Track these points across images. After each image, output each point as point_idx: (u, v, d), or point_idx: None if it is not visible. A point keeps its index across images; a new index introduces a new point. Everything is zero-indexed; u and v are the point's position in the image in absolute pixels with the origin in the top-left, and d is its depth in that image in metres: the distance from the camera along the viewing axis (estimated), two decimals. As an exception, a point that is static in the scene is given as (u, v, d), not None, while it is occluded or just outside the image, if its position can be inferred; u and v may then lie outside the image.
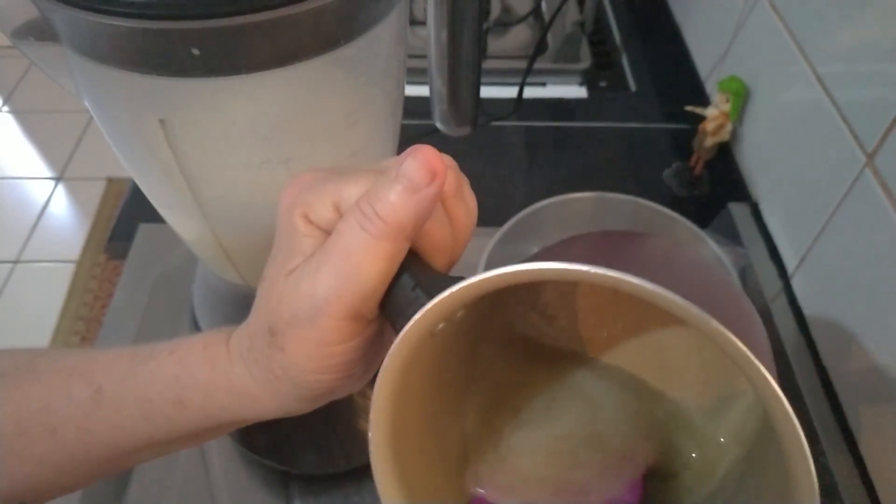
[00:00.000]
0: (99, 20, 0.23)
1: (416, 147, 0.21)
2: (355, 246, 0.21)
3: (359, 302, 0.21)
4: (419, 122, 0.52)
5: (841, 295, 0.50)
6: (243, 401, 0.24)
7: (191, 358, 0.25)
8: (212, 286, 0.41)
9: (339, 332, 0.22)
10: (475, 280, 0.20)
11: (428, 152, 0.21)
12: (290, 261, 0.22)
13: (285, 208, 0.23)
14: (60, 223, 1.74)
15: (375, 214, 0.20)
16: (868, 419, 0.47)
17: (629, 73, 0.84)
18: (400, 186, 0.20)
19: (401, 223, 0.20)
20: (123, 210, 0.66)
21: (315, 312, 0.21)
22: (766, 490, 0.22)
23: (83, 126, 1.94)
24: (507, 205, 0.64)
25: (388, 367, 0.21)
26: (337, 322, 0.21)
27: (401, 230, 0.21)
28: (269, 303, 0.23)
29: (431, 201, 0.21)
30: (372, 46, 0.28)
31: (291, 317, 0.22)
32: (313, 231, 0.22)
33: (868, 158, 0.47)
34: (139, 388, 0.25)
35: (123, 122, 0.29)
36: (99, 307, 1.54)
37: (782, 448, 0.20)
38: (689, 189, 0.69)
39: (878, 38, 0.47)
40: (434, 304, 0.20)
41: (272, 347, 0.23)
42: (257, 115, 0.27)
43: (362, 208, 0.21)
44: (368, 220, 0.21)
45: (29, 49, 0.26)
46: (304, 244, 0.22)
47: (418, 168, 0.20)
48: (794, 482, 0.19)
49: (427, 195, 0.21)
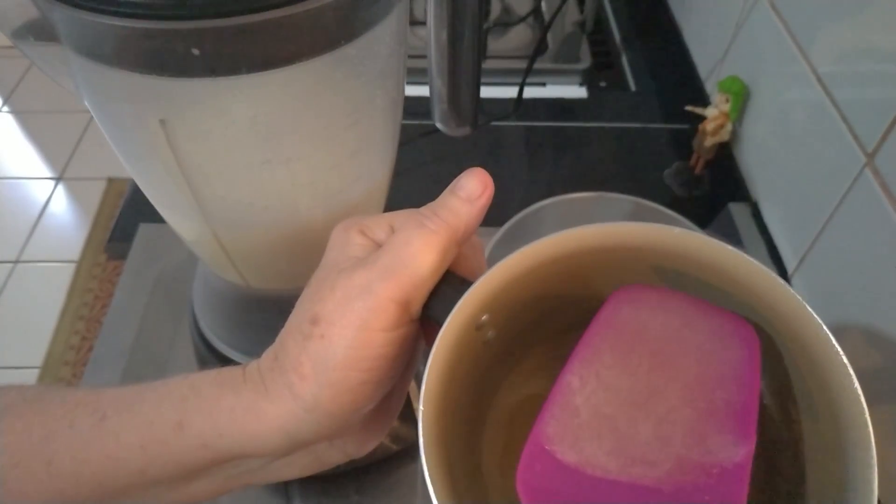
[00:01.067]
0: (99, 20, 0.23)
1: (471, 168, 0.25)
2: (415, 237, 0.23)
3: (411, 287, 0.23)
4: (419, 122, 0.52)
5: (841, 295, 0.51)
6: (246, 420, 0.23)
7: (203, 380, 0.24)
8: (212, 286, 0.41)
9: (387, 315, 0.22)
10: (512, 257, 0.22)
11: (480, 171, 0.25)
12: (342, 261, 0.24)
13: (340, 228, 0.25)
14: (61, 223, 1.74)
15: (435, 214, 0.23)
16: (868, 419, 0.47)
17: (629, 73, 0.84)
18: (458, 195, 0.24)
19: (457, 224, 0.23)
20: (123, 210, 0.66)
21: (369, 293, 0.22)
22: None
23: (83, 126, 1.94)
24: (507, 205, 0.64)
25: (437, 350, 0.21)
26: (389, 303, 0.22)
27: (455, 230, 0.23)
28: (318, 293, 0.23)
29: (482, 209, 0.24)
30: (372, 46, 0.28)
31: (342, 300, 0.23)
32: (367, 241, 0.24)
33: (868, 158, 0.47)
34: (143, 412, 0.24)
35: (124, 122, 0.29)
36: (99, 307, 1.53)
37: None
38: (689, 189, 0.69)
39: (878, 38, 0.47)
40: (477, 287, 0.22)
41: (309, 339, 0.23)
42: (258, 115, 0.27)
43: (423, 212, 0.24)
44: (428, 218, 0.23)
45: (29, 49, 0.26)
46: (356, 251, 0.24)
47: (474, 181, 0.24)
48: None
49: (480, 203, 0.24)
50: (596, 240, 0.23)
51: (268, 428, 0.23)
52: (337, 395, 0.23)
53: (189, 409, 0.24)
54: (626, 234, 0.23)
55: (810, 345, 0.21)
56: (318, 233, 0.35)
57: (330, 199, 0.33)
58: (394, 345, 0.23)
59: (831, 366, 0.21)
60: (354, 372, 0.22)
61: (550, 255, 0.23)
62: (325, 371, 0.22)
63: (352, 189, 0.34)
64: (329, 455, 0.26)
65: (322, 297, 0.23)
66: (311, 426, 0.23)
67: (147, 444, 0.24)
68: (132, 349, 0.55)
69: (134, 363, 0.55)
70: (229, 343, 0.40)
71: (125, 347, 0.55)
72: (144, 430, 0.24)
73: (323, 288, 0.23)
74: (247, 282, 0.37)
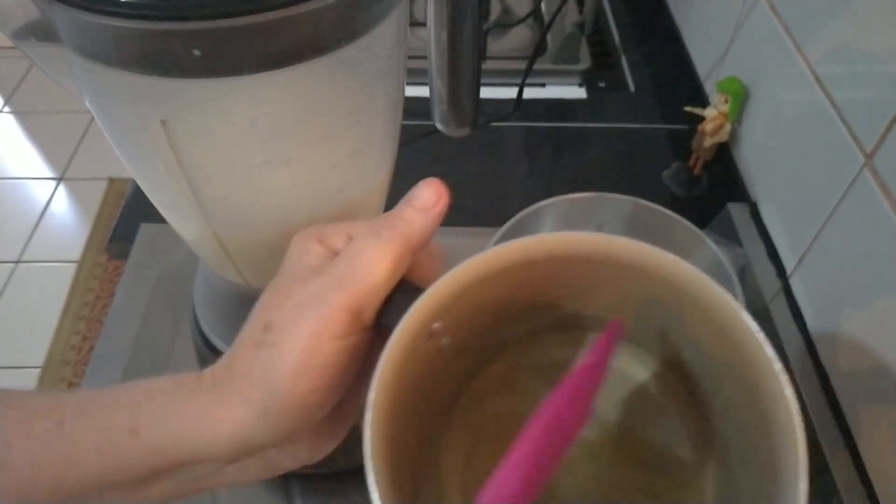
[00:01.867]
0: (100, 21, 0.23)
1: (426, 179, 0.25)
2: (368, 247, 0.23)
3: (363, 296, 0.23)
4: (419, 123, 0.52)
5: (840, 295, 0.51)
6: (198, 426, 0.23)
7: (158, 386, 0.25)
8: (213, 286, 0.41)
9: (338, 324, 0.23)
10: (461, 267, 0.22)
11: (435, 182, 0.25)
12: (298, 271, 0.24)
13: (298, 237, 0.25)
14: (62, 223, 1.74)
15: (390, 224, 0.24)
16: (867, 419, 0.47)
17: (628, 73, 0.84)
18: (413, 205, 0.25)
19: (411, 233, 0.24)
20: (124, 210, 0.66)
21: (321, 301, 0.23)
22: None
23: (84, 126, 1.94)
24: (506, 205, 0.64)
25: (387, 358, 0.22)
26: (340, 311, 0.23)
27: (409, 239, 0.24)
28: (272, 301, 0.24)
29: (436, 218, 0.25)
30: (372, 47, 0.29)
31: (294, 308, 0.23)
32: (324, 250, 0.25)
33: (867, 159, 0.47)
34: (99, 417, 0.24)
35: (125, 122, 0.29)
36: (100, 307, 1.54)
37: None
38: (688, 189, 0.69)
39: (877, 39, 0.47)
40: (428, 295, 0.22)
41: (261, 346, 0.23)
42: (258, 116, 0.27)
43: (379, 221, 0.24)
44: (384, 228, 0.24)
45: (30, 50, 0.26)
46: (313, 259, 0.24)
47: (429, 191, 0.25)
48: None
49: (434, 213, 0.25)
50: (542, 250, 0.23)
51: (219, 434, 0.23)
52: (287, 402, 0.23)
53: (143, 415, 0.24)
54: (574, 243, 0.23)
55: (737, 337, 0.22)
56: (319, 232, 0.35)
57: (330, 199, 0.33)
58: (345, 353, 0.23)
59: (763, 368, 0.21)
60: (304, 380, 0.23)
61: (502, 265, 0.23)
62: (274, 378, 0.23)
63: (352, 189, 0.34)
64: (281, 461, 0.27)
65: (276, 304, 0.24)
66: (262, 433, 0.23)
67: (103, 449, 0.24)
68: (133, 349, 0.55)
69: (135, 363, 0.55)
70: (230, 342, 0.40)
71: (126, 347, 0.56)
72: (100, 435, 0.24)
73: (277, 296, 0.24)
74: (247, 281, 0.37)
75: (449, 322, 0.24)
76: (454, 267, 0.23)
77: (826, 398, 0.50)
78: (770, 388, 0.20)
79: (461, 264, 0.23)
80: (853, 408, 0.48)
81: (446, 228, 0.75)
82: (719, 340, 0.22)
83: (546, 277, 0.25)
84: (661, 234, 0.56)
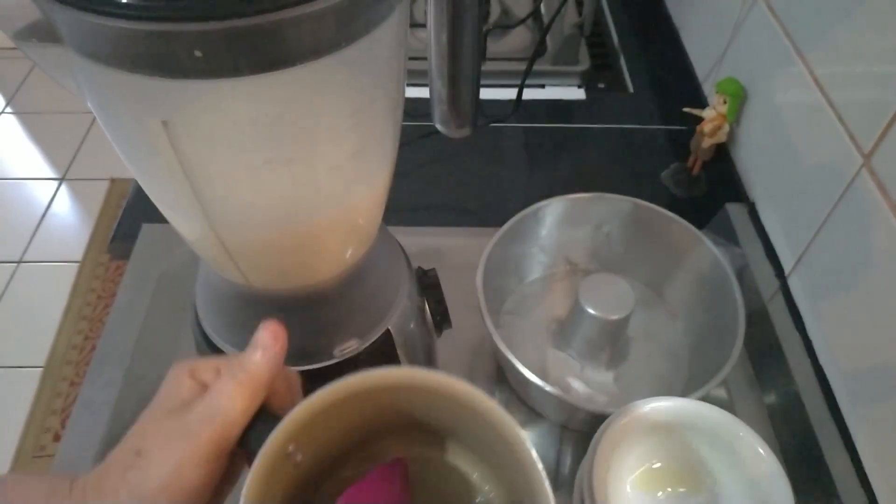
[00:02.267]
0: (101, 22, 0.23)
1: (264, 322, 0.30)
2: (226, 387, 0.28)
3: (225, 429, 0.28)
4: (419, 124, 0.52)
5: (837, 294, 0.51)
6: None
7: (34, 486, 0.28)
8: (214, 286, 0.41)
9: (203, 453, 0.27)
10: (309, 400, 0.29)
11: (273, 324, 0.30)
12: (171, 403, 0.29)
13: (174, 370, 0.30)
14: (64, 223, 1.74)
15: (241, 368, 0.29)
16: (865, 418, 0.47)
17: (627, 74, 0.84)
18: (256, 348, 0.29)
19: (259, 373, 0.29)
20: (126, 210, 0.67)
21: (187, 434, 0.27)
22: None
23: (86, 127, 1.94)
24: (506, 205, 0.65)
25: (252, 477, 0.27)
26: (205, 443, 0.27)
27: (259, 378, 0.29)
28: (144, 430, 0.28)
29: (277, 356, 0.29)
30: (373, 48, 0.29)
31: (165, 437, 0.27)
32: (194, 385, 0.29)
33: (865, 159, 0.47)
34: None
35: (126, 123, 0.29)
36: (102, 307, 1.54)
37: None
38: (686, 190, 0.69)
39: (875, 40, 0.48)
40: (283, 424, 0.28)
41: (131, 469, 0.27)
42: (259, 117, 0.27)
43: (232, 365, 0.29)
44: (238, 369, 0.29)
45: (32, 51, 0.27)
46: (185, 393, 0.29)
47: (266, 334, 0.30)
48: None
49: (274, 352, 0.29)
50: (362, 384, 0.30)
51: None
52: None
53: None
54: (395, 377, 0.31)
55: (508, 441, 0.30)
56: (319, 233, 0.35)
57: (331, 199, 0.33)
58: (207, 476, 0.27)
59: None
60: (168, 499, 0.26)
61: (344, 394, 0.30)
62: (140, 496, 0.26)
63: (352, 189, 0.34)
64: None
65: (149, 433, 0.28)
66: None
67: None
68: (135, 348, 0.56)
69: (136, 362, 0.55)
70: (231, 342, 0.41)
71: (128, 347, 0.56)
72: None
73: (149, 426, 0.28)
74: (248, 281, 0.37)
75: (302, 442, 0.29)
76: (306, 398, 0.29)
77: (824, 397, 0.51)
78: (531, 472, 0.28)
79: (311, 396, 0.29)
80: (851, 407, 0.49)
81: (447, 228, 0.76)
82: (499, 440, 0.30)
83: (382, 399, 0.32)
84: (659, 235, 0.56)
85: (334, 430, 0.32)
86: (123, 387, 0.53)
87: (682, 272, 0.57)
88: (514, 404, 0.54)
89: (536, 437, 0.53)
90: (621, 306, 0.50)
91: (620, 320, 0.50)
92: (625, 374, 0.54)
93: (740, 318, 0.49)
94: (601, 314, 0.50)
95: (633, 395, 0.44)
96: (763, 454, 0.40)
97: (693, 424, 0.42)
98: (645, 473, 0.43)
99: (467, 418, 0.31)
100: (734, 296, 0.50)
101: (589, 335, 0.52)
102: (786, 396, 0.53)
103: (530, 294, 0.60)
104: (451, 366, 0.56)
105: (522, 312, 0.59)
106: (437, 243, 0.63)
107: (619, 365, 0.55)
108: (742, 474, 0.41)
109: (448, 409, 0.32)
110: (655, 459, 0.44)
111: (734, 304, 0.50)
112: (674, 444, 0.43)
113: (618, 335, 0.53)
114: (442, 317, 0.47)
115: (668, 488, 0.43)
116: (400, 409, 0.33)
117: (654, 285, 0.60)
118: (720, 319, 0.51)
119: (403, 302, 0.43)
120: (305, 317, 0.39)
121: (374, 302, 0.42)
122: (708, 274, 0.53)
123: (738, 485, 0.42)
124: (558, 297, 0.60)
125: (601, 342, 0.53)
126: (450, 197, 0.68)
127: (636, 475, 0.43)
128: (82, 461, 0.49)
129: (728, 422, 0.41)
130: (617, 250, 0.59)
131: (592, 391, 0.53)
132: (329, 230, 0.35)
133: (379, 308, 0.42)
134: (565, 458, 0.52)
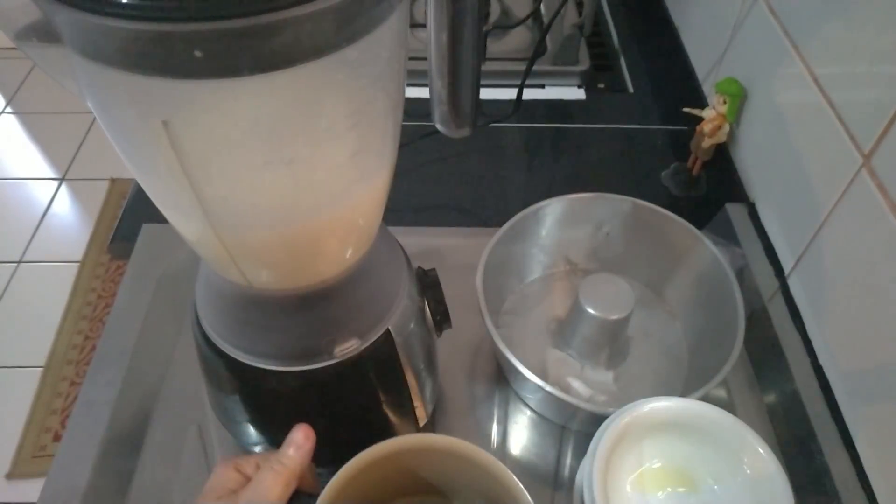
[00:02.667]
0: (102, 22, 0.23)
1: (297, 425, 0.38)
2: (267, 477, 0.36)
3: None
4: (419, 124, 0.53)
5: (837, 294, 0.51)
6: None
7: None
8: (214, 286, 0.41)
9: None
10: (334, 480, 0.37)
11: (304, 428, 0.38)
12: (220, 492, 0.36)
13: (220, 465, 0.37)
14: (64, 224, 1.74)
15: (278, 461, 0.36)
16: (865, 418, 0.47)
17: (627, 75, 0.85)
18: (290, 445, 0.37)
19: (292, 465, 0.36)
20: (126, 210, 0.67)
21: None
22: None
23: (86, 127, 1.94)
24: (506, 205, 0.65)
25: None
26: None
27: (292, 468, 0.36)
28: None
29: (308, 452, 0.37)
30: (373, 49, 0.29)
31: None
32: (239, 476, 0.37)
33: (864, 159, 0.47)
34: None
35: (126, 123, 0.29)
36: (102, 307, 1.54)
37: None
38: (686, 190, 0.69)
39: (874, 39, 0.48)
40: (321, 499, 0.36)
41: None
42: (259, 117, 0.27)
43: (270, 459, 0.37)
44: (276, 462, 0.36)
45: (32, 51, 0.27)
46: (231, 483, 0.36)
47: (299, 435, 0.37)
48: None
49: (306, 449, 0.37)
50: (377, 453, 0.39)
51: None
52: None
53: None
54: (400, 445, 0.39)
55: None
56: (320, 233, 0.35)
57: (331, 199, 0.33)
58: None
59: None
60: None
61: (368, 462, 0.38)
62: None
63: (353, 189, 0.34)
64: None
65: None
66: None
67: None
68: (135, 348, 0.56)
69: (137, 362, 0.55)
70: (231, 342, 0.41)
71: (128, 347, 0.56)
72: None
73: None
74: (249, 281, 0.37)
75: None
76: (336, 473, 0.38)
77: (824, 397, 0.51)
78: None
79: (339, 472, 0.38)
80: (851, 407, 0.49)
81: (447, 228, 0.76)
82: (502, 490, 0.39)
83: (404, 463, 0.40)
84: (659, 235, 0.57)
85: (362, 494, 0.40)
86: (123, 387, 0.53)
87: (681, 272, 0.57)
88: (514, 404, 0.54)
89: (536, 437, 0.53)
90: (621, 306, 0.50)
91: (620, 320, 0.50)
92: (624, 374, 0.54)
93: (740, 318, 0.49)
94: (601, 314, 0.50)
95: (632, 395, 0.44)
96: (763, 454, 0.40)
97: (693, 424, 0.42)
98: (645, 473, 0.43)
99: (475, 474, 0.39)
100: (734, 296, 0.50)
101: (589, 335, 0.52)
102: (786, 396, 0.53)
103: (530, 294, 0.60)
104: (451, 366, 0.56)
105: (522, 312, 0.59)
106: (437, 243, 0.63)
107: (619, 365, 0.55)
108: (742, 474, 0.41)
109: (455, 467, 0.40)
110: (655, 459, 0.44)
111: (734, 304, 0.50)
112: (674, 444, 0.43)
113: (618, 335, 0.53)
114: (442, 317, 0.47)
115: (668, 488, 0.43)
116: (416, 470, 0.41)
117: (653, 285, 0.60)
118: (720, 319, 0.51)
119: (403, 302, 0.43)
120: (305, 317, 0.39)
121: (374, 302, 0.42)
122: (708, 274, 0.54)
123: (738, 485, 0.42)
124: (558, 297, 0.60)
125: (601, 342, 0.53)
126: (450, 197, 0.68)
127: (636, 475, 0.43)
128: (82, 461, 0.49)
129: (728, 422, 0.41)
130: (617, 250, 0.60)
131: (592, 391, 0.53)
132: (329, 230, 0.35)
133: (379, 308, 0.42)
134: (565, 458, 0.52)
